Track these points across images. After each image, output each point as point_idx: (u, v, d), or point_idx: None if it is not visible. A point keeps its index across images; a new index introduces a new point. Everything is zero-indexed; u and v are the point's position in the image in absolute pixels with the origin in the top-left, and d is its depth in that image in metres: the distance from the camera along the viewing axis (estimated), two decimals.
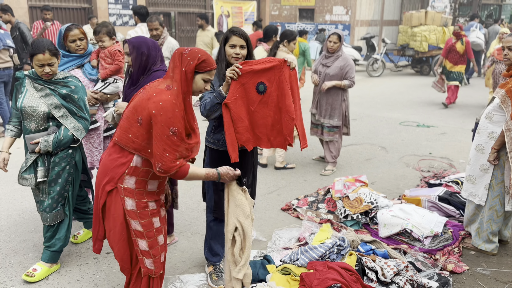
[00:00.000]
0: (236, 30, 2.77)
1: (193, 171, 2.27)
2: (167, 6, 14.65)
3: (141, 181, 2.29)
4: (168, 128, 2.12)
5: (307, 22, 17.11)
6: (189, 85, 2.22)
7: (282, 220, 4.00)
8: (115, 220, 2.31)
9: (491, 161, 3.19)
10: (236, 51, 2.74)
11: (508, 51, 3.14)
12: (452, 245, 3.43)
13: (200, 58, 2.21)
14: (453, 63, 8.88)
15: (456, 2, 17.02)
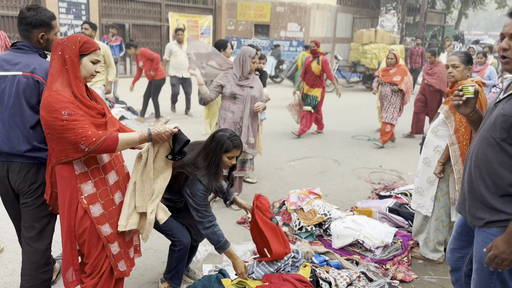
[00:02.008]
0: (238, 144, 2.76)
1: (125, 136, 2.20)
2: (121, 18, 14.44)
3: (99, 180, 2.25)
4: (61, 114, 2.08)
5: (262, 37, 17.39)
6: (77, 70, 2.18)
7: (238, 234, 3.99)
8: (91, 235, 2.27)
9: (436, 174, 3.36)
10: (233, 162, 2.79)
11: (452, 69, 3.33)
12: (401, 254, 3.56)
13: (81, 40, 2.19)
14: (310, 85, 7.61)
15: (403, 22, 17.94)
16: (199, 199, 2.69)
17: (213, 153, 2.71)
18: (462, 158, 3.17)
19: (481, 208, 2.02)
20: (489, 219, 1.99)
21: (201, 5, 17.21)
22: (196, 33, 16.83)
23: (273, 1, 16.86)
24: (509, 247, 1.86)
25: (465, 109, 2.13)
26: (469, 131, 3.14)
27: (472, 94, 2.07)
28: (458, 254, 2.36)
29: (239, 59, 4.31)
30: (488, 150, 1.97)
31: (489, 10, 30.31)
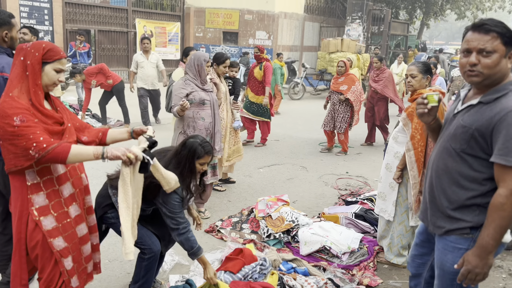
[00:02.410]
0: (209, 150, 2.78)
1: (78, 149, 2.09)
2: (86, 24, 14.15)
3: (52, 192, 2.16)
4: (12, 120, 2.00)
5: (231, 45, 17.44)
6: (38, 77, 2.10)
7: (206, 243, 3.95)
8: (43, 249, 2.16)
9: (395, 179, 3.45)
10: (204, 168, 2.82)
11: (411, 79, 3.44)
12: (367, 260, 3.62)
13: (45, 48, 2.11)
14: (254, 92, 7.41)
15: (369, 31, 18.41)
16: (173, 207, 2.65)
17: (185, 160, 2.71)
18: (417, 164, 3.27)
19: (441, 217, 2.06)
20: (449, 227, 2.03)
21: (169, 11, 17.10)
22: (164, 40, 16.69)
23: (241, 9, 16.96)
24: (481, 261, 1.86)
25: (428, 117, 2.15)
26: (424, 138, 3.24)
27: (436, 102, 2.10)
28: (419, 261, 2.41)
29: (195, 65, 4.22)
30: (449, 160, 2.01)
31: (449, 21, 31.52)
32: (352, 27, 17.54)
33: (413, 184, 3.30)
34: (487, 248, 1.85)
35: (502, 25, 1.87)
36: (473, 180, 1.95)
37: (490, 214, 1.85)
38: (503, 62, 1.87)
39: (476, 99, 1.95)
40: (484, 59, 1.87)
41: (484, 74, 1.88)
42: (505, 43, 1.85)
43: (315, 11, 19.32)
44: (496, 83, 1.92)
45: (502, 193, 1.82)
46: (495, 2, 22.61)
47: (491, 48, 1.85)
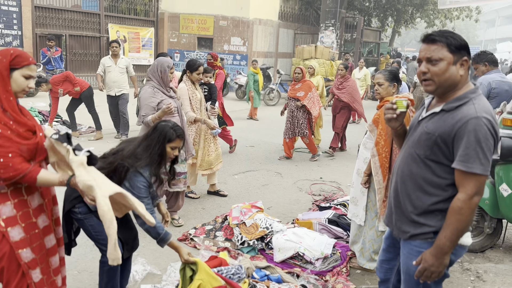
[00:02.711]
0: (180, 133, 2.75)
1: (44, 178, 2.09)
2: (57, 28, 13.86)
3: (19, 202, 2.10)
4: None
5: (206, 50, 17.39)
6: (7, 84, 2.06)
7: None
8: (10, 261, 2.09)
9: (362, 184, 3.52)
10: (175, 153, 2.76)
11: (378, 87, 3.52)
12: (340, 265, 3.64)
13: (13, 54, 2.08)
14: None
15: (342, 39, 18.70)
16: (140, 191, 2.62)
17: (156, 143, 2.67)
18: (382, 170, 3.34)
19: (406, 222, 2.12)
20: (413, 232, 2.08)
21: (143, 17, 16.94)
22: (138, 45, 16.52)
23: (216, 15, 16.95)
24: (437, 260, 1.95)
25: (395, 123, 2.20)
26: (389, 144, 3.32)
27: (405, 108, 2.16)
28: (387, 266, 2.45)
29: (158, 71, 4.17)
30: (413, 166, 2.07)
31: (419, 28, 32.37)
32: (326, 34, 17.78)
33: (378, 189, 3.37)
34: (443, 249, 1.94)
35: (449, 35, 1.96)
36: (436, 185, 2.01)
37: (449, 217, 1.93)
38: (452, 69, 1.96)
39: (439, 107, 2.02)
40: (432, 67, 1.97)
41: (435, 82, 1.98)
42: (451, 51, 1.95)
43: (289, 18, 19.50)
44: (453, 91, 2.00)
45: (461, 197, 1.91)
46: (462, 11, 23.36)
47: (437, 57, 1.95)
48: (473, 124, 1.87)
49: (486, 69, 4.84)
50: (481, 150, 1.86)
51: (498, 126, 1.95)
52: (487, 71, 4.83)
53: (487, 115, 1.89)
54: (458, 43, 1.94)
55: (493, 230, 4.02)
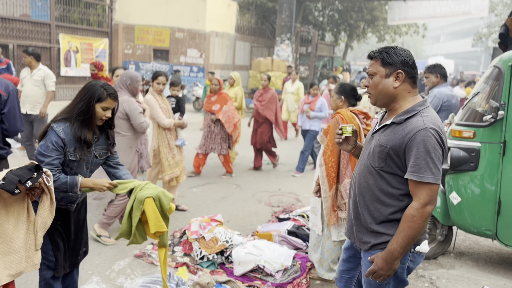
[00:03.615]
0: (112, 92, 2.55)
1: None
2: (4, 38, 13.24)
3: None
4: None
5: (162, 62, 17.21)
6: None
7: (135, 269, 3.77)
8: None
9: (313, 193, 3.60)
10: (107, 114, 2.56)
11: (330, 98, 3.63)
12: (300, 276, 3.65)
13: None
14: None
15: (297, 52, 19.09)
16: (42, 148, 2.42)
17: (81, 99, 2.50)
18: (328, 179, 3.43)
19: (366, 232, 2.17)
20: (374, 242, 2.13)
21: (96, 27, 16.53)
22: (91, 56, 16.08)
23: (172, 27, 16.84)
24: (386, 265, 2.02)
25: (347, 146, 2.40)
26: (335, 154, 3.42)
27: (350, 133, 2.34)
28: (347, 276, 2.48)
29: (127, 85, 4.23)
30: (369, 178, 2.13)
31: (371, 43, 33.65)
32: (282, 48, 18.08)
33: (324, 197, 3.46)
34: (394, 254, 2.01)
35: (385, 51, 2.12)
36: (392, 196, 2.08)
37: (402, 224, 2.00)
38: (384, 82, 2.10)
39: (390, 120, 2.12)
40: (370, 81, 2.15)
41: (372, 95, 2.15)
42: (383, 64, 2.09)
43: (245, 31, 19.69)
44: (396, 102, 2.11)
45: (414, 206, 1.98)
46: (410, 27, 24.53)
47: (372, 71, 2.14)
48: (422, 136, 1.96)
49: (437, 81, 5.08)
50: (431, 160, 1.95)
51: (445, 137, 2.05)
52: (437, 83, 5.08)
53: (434, 126, 1.98)
54: (392, 58, 2.08)
55: (444, 237, 4.18)
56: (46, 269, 2.65)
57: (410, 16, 20.42)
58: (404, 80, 2.08)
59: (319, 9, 23.45)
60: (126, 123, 4.24)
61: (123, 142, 4.23)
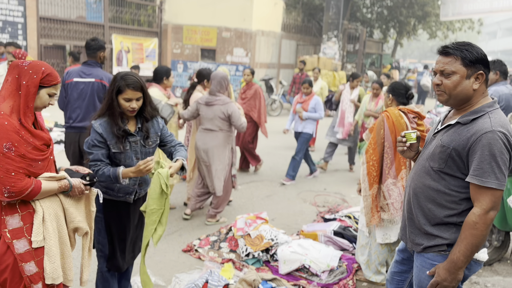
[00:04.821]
0: (130, 83, 2.49)
1: (47, 186, 2.11)
2: (62, 39, 13.95)
3: (27, 214, 2.08)
4: (1, 145, 1.96)
5: (209, 61, 17.48)
6: (31, 100, 2.07)
7: (183, 263, 3.87)
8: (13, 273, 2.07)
9: (357, 192, 3.53)
10: (132, 105, 2.52)
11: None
12: (346, 278, 3.60)
13: (44, 71, 2.09)
14: None
15: (344, 50, 18.78)
16: (86, 145, 2.55)
17: (108, 94, 2.55)
18: (368, 178, 3.35)
19: (419, 234, 2.10)
20: (427, 244, 2.06)
21: (146, 28, 17.05)
22: (141, 56, 16.60)
23: (219, 26, 17.06)
24: (450, 275, 1.93)
25: (410, 153, 2.28)
26: (377, 153, 3.33)
27: (414, 140, 2.22)
28: (399, 278, 2.42)
29: (227, 84, 4.62)
30: (426, 178, 2.05)
31: (421, 40, 32.50)
32: (328, 46, 17.85)
33: (364, 196, 3.38)
34: (457, 264, 1.91)
35: (465, 48, 1.94)
36: (449, 199, 1.99)
37: (463, 231, 1.90)
38: (464, 83, 1.95)
39: (455, 120, 2.01)
40: (445, 80, 1.98)
41: (447, 94, 1.99)
42: (465, 65, 1.93)
43: (292, 29, 19.61)
44: (468, 103, 1.98)
45: (476, 212, 1.88)
46: (464, 23, 23.47)
47: (450, 70, 1.95)
48: (488, 138, 1.85)
49: (496, 78, 4.75)
50: (496, 164, 1.84)
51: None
52: (496, 81, 4.76)
53: (502, 129, 1.87)
54: (473, 57, 1.93)
55: (501, 243, 3.98)
56: (103, 262, 2.77)
57: (465, 11, 19.50)
58: (483, 81, 1.96)
59: (367, 6, 22.94)
60: (225, 123, 4.58)
61: (222, 139, 4.58)
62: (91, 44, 4.34)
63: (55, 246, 2.16)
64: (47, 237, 2.13)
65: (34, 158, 2.07)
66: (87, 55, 4.39)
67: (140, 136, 2.67)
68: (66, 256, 2.25)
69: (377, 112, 6.33)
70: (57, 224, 2.19)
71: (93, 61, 4.34)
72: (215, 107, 4.53)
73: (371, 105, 6.50)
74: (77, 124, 4.23)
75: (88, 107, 4.21)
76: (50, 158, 2.21)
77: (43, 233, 2.11)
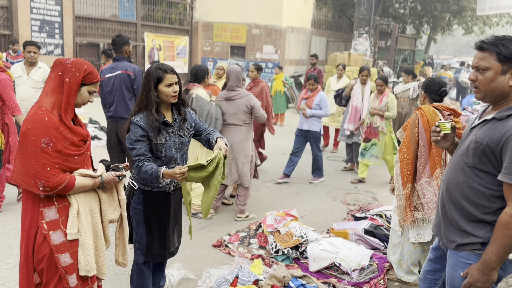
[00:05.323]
0: (168, 67, 2.63)
1: (80, 183, 2.18)
2: (96, 37, 14.31)
3: (63, 207, 2.16)
4: (40, 140, 2.04)
5: (238, 59, 17.54)
6: (73, 96, 2.15)
7: (213, 257, 3.91)
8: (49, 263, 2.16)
9: (390, 191, 3.47)
10: (175, 89, 2.64)
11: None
12: (378, 277, 3.55)
13: (86, 69, 2.17)
14: None
15: (376, 46, 18.45)
16: (128, 141, 2.63)
17: (146, 87, 2.62)
18: (402, 176, 3.28)
19: (452, 230, 2.06)
20: (460, 241, 2.02)
21: (177, 25, 17.27)
22: (172, 53, 16.84)
23: (249, 23, 17.09)
24: (483, 276, 1.88)
25: (444, 143, 2.23)
26: (411, 152, 3.26)
27: (449, 130, 2.18)
28: (432, 277, 2.37)
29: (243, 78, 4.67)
30: (460, 175, 2.01)
31: (456, 35, 31.55)
32: (359, 42, 17.58)
33: (397, 195, 3.32)
34: (490, 265, 1.86)
35: (501, 43, 1.88)
36: (483, 196, 1.95)
37: (496, 231, 1.86)
38: (500, 79, 1.89)
39: (491, 115, 1.96)
40: (479, 76, 1.94)
41: (481, 91, 1.95)
42: (501, 60, 1.88)
43: (322, 25, 19.43)
44: (503, 99, 1.94)
45: (509, 211, 1.83)
46: (502, 17, 22.59)
47: (484, 66, 1.91)
48: None
49: None
50: None
51: None
52: None
53: None
54: (509, 52, 1.86)
55: None
56: (140, 255, 2.83)
57: (503, 5, 18.76)
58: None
59: (400, 1, 22.44)
60: (247, 115, 4.65)
61: (245, 132, 4.67)
62: (116, 41, 4.76)
63: (89, 240, 2.22)
64: (82, 231, 2.19)
65: (70, 153, 2.14)
66: (114, 51, 4.82)
67: (177, 126, 2.76)
68: (99, 250, 2.32)
69: (381, 110, 6.10)
70: (91, 219, 2.26)
71: (120, 56, 4.74)
72: (237, 101, 4.57)
73: (375, 103, 6.22)
74: (113, 114, 4.72)
75: (118, 97, 4.65)
76: (87, 154, 2.28)
77: (78, 226, 2.18)
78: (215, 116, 4.44)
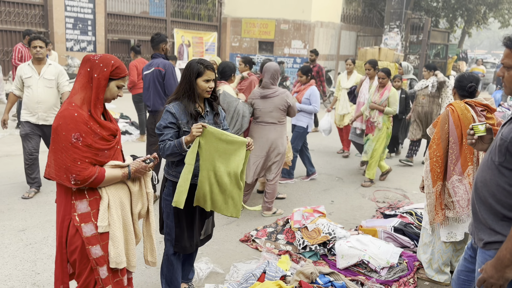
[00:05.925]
0: (209, 64, 2.75)
1: (110, 174, 2.23)
2: (127, 34, 14.57)
3: (94, 200, 2.22)
4: (70, 135, 2.09)
5: (266, 54, 17.51)
6: (101, 91, 2.19)
7: (240, 252, 3.93)
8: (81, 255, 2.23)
9: (420, 189, 3.41)
10: (211, 85, 2.76)
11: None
12: (407, 275, 3.49)
13: (114, 64, 2.20)
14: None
15: (407, 40, 18.04)
16: (157, 128, 2.72)
17: (183, 79, 2.75)
18: (431, 174, 3.22)
19: (482, 229, 2.04)
20: (487, 240, 1.99)
21: (206, 21, 17.38)
22: (201, 49, 16.97)
23: (277, 19, 17.02)
24: (496, 273, 1.85)
25: (482, 145, 2.23)
26: (441, 149, 3.18)
27: (483, 132, 2.16)
28: (464, 277, 2.32)
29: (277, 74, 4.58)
30: (487, 173, 1.99)
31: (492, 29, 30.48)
32: (390, 36, 17.24)
33: (427, 193, 3.26)
34: (503, 262, 1.83)
35: None
36: (508, 194, 1.91)
37: None
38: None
39: None
40: (506, 73, 1.94)
41: (508, 87, 1.96)
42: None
43: (351, 20, 19.14)
44: None
45: None
46: None
47: (509, 64, 1.92)
48: None
49: None
50: None
51: None
52: None
53: None
54: None
55: None
56: (169, 246, 2.89)
57: None
58: None
59: None
60: (283, 113, 4.63)
61: (281, 130, 4.66)
62: (154, 38, 5.00)
63: (119, 232, 2.27)
64: (112, 223, 2.25)
65: (100, 148, 2.19)
66: (152, 48, 5.05)
67: (211, 120, 2.86)
68: (129, 243, 2.37)
69: (381, 104, 5.80)
70: (121, 212, 2.31)
71: (157, 53, 4.99)
72: (274, 99, 4.52)
73: (376, 97, 5.89)
74: (152, 109, 5.01)
75: (154, 93, 4.94)
76: (116, 148, 2.33)
77: (108, 219, 2.24)
78: (242, 113, 4.39)
